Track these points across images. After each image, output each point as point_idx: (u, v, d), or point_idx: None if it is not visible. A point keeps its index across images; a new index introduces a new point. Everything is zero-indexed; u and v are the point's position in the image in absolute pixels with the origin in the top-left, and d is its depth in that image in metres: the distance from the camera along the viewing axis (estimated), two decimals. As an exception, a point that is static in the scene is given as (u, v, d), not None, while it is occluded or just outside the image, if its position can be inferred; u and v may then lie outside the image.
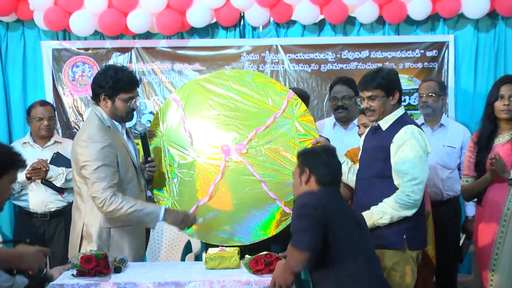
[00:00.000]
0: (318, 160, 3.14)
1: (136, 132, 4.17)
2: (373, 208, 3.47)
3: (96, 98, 3.78)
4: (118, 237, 3.68)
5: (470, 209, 4.61)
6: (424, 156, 3.47)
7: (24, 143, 4.81)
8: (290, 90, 4.11)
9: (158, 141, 4.10)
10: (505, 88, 3.97)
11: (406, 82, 5.57)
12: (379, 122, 3.60)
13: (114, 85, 3.69)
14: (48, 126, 4.75)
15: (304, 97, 4.33)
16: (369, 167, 3.58)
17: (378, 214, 3.45)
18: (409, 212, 3.44)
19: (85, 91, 5.74)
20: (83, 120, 5.67)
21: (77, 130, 5.63)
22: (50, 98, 5.63)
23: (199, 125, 4.10)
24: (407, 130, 3.45)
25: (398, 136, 3.45)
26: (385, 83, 3.55)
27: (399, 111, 3.59)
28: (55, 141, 4.83)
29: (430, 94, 4.75)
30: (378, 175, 3.52)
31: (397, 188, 3.47)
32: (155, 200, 4.08)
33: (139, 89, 3.92)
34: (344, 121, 4.80)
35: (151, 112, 5.72)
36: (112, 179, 3.58)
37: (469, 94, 5.69)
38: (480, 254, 3.99)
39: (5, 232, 5.66)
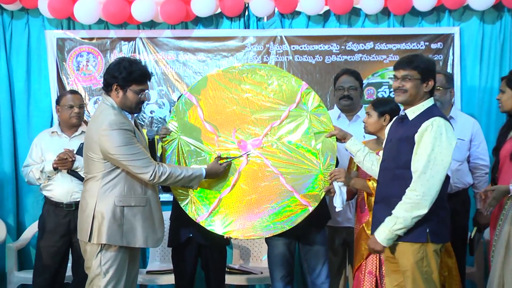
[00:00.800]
0: None
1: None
2: (386, 218, 3.42)
3: (108, 88, 3.86)
4: (131, 216, 3.77)
5: None
6: (443, 151, 3.35)
7: (52, 132, 4.81)
8: (304, 82, 4.10)
9: (175, 138, 4.13)
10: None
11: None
12: (406, 111, 3.53)
13: (128, 76, 3.79)
14: (78, 113, 4.74)
15: None
16: (393, 158, 3.52)
17: (392, 220, 3.39)
18: (421, 211, 3.34)
19: (89, 80, 5.76)
20: (87, 110, 5.66)
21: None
22: (54, 88, 5.65)
23: (215, 121, 4.12)
24: (433, 123, 3.36)
25: (424, 127, 3.37)
26: (423, 67, 3.48)
27: (428, 102, 3.51)
28: (82, 131, 4.77)
29: (438, 87, 4.69)
30: (402, 166, 3.44)
31: None
32: (176, 198, 4.11)
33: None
34: (348, 111, 4.80)
35: (156, 102, 5.69)
36: (145, 153, 3.79)
37: (474, 87, 5.67)
38: (488, 248, 4.03)
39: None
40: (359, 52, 5.70)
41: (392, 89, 5.60)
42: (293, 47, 5.70)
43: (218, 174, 4.00)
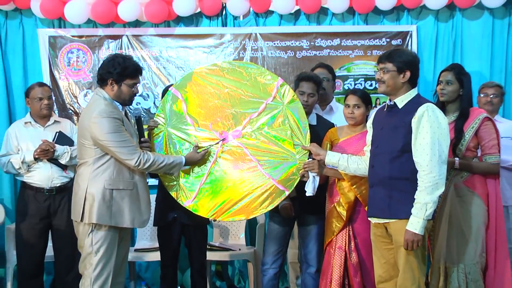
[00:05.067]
0: None
1: (132, 115, 4.17)
2: (412, 211, 3.38)
3: (103, 82, 3.84)
4: (119, 199, 3.77)
5: None
6: (443, 131, 3.39)
7: (26, 122, 4.71)
8: (279, 78, 4.10)
9: (163, 130, 4.11)
10: (443, 74, 4.11)
11: (373, 68, 5.58)
12: (395, 101, 3.56)
13: (122, 71, 3.79)
14: (48, 104, 4.66)
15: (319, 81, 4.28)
16: (389, 142, 3.52)
17: (422, 208, 3.35)
18: (441, 189, 3.37)
19: (79, 75, 5.73)
20: (77, 102, 5.70)
21: (72, 111, 5.69)
22: (47, 82, 5.56)
23: (199, 114, 4.11)
24: (428, 108, 3.40)
25: (420, 112, 3.40)
26: (397, 59, 3.51)
27: (414, 92, 3.57)
28: (55, 121, 4.76)
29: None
30: (400, 149, 3.46)
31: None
32: (165, 183, 4.09)
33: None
34: (321, 101, 4.74)
35: (140, 95, 5.66)
36: (132, 141, 3.79)
37: (429, 80, 5.69)
38: None
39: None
40: (327, 48, 5.71)
41: (356, 82, 5.70)
42: (267, 43, 5.71)
43: (197, 162, 4.00)
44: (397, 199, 3.46)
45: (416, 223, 3.36)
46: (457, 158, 3.92)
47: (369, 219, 3.69)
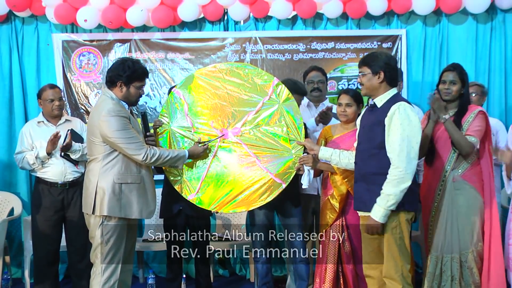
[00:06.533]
0: None
1: (137, 112, 4.24)
2: (377, 199, 3.43)
3: (112, 84, 3.86)
4: (128, 192, 3.79)
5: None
6: (413, 129, 3.40)
7: (39, 122, 4.74)
8: (275, 78, 4.12)
9: (167, 129, 4.15)
10: (446, 74, 4.05)
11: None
12: (374, 101, 3.59)
13: (131, 74, 3.82)
14: (59, 105, 4.68)
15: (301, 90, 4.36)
16: (369, 140, 3.55)
17: (384, 199, 3.39)
18: (407, 184, 3.38)
19: (90, 76, 5.76)
20: (89, 102, 5.73)
21: (84, 110, 5.74)
22: (60, 83, 5.61)
23: (200, 113, 4.15)
24: (400, 107, 3.42)
25: (392, 111, 3.43)
26: (370, 62, 3.54)
27: (392, 91, 3.57)
28: (66, 120, 4.78)
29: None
30: (377, 147, 3.48)
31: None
32: (170, 178, 4.13)
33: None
34: (316, 101, 4.86)
35: (147, 95, 5.69)
36: (138, 137, 3.82)
37: (418, 80, 5.75)
38: (423, 213, 4.10)
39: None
40: (322, 51, 5.72)
41: (349, 82, 5.71)
42: (266, 47, 5.73)
43: (199, 155, 4.04)
44: (377, 194, 3.46)
45: (377, 211, 3.41)
46: (447, 116, 3.89)
47: (356, 211, 3.73)
